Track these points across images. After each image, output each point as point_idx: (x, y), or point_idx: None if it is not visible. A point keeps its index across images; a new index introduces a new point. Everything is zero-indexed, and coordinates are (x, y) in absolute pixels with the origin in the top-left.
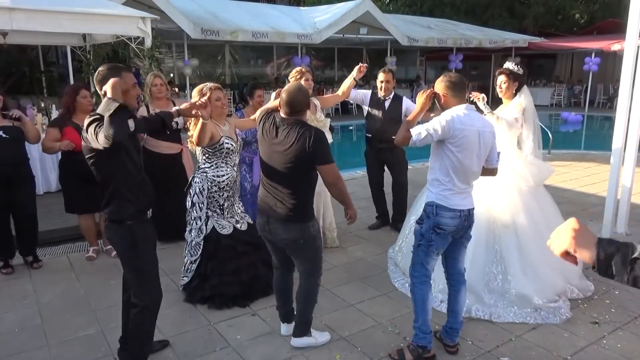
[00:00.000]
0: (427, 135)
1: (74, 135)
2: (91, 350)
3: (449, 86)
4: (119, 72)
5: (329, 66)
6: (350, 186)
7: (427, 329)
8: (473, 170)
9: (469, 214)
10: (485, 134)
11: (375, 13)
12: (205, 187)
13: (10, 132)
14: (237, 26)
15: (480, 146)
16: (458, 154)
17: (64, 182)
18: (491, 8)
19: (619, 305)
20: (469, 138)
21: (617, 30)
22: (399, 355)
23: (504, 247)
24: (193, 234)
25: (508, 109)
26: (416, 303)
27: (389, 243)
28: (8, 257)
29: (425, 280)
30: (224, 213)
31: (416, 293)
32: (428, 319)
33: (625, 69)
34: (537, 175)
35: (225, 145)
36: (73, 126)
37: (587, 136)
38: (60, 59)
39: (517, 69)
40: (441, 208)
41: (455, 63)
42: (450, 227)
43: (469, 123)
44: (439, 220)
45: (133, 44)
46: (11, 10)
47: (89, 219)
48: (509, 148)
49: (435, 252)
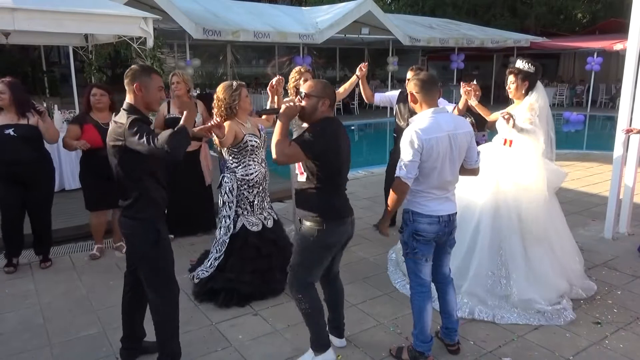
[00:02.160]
0: (409, 166)
1: (92, 132)
2: (93, 350)
3: (419, 85)
4: (149, 74)
5: (330, 66)
6: (352, 186)
7: (426, 338)
8: (447, 175)
9: (449, 220)
10: (458, 137)
11: (377, 13)
12: (234, 186)
13: (20, 130)
14: (239, 26)
15: (453, 150)
16: (427, 163)
17: (84, 180)
18: (493, 8)
19: (621, 305)
20: (438, 146)
21: (619, 30)
22: (397, 352)
23: (509, 251)
24: (222, 231)
25: (518, 110)
26: (413, 312)
27: (391, 243)
28: (13, 255)
29: (422, 291)
30: (254, 210)
31: (414, 303)
32: (426, 328)
33: (627, 68)
34: (553, 179)
35: (249, 143)
36: (92, 123)
37: (589, 136)
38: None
39: (528, 67)
40: (417, 215)
41: (457, 63)
42: (429, 233)
43: (435, 130)
44: (416, 226)
45: (135, 44)
46: (13, 11)
47: (102, 217)
48: (532, 154)
49: (422, 258)
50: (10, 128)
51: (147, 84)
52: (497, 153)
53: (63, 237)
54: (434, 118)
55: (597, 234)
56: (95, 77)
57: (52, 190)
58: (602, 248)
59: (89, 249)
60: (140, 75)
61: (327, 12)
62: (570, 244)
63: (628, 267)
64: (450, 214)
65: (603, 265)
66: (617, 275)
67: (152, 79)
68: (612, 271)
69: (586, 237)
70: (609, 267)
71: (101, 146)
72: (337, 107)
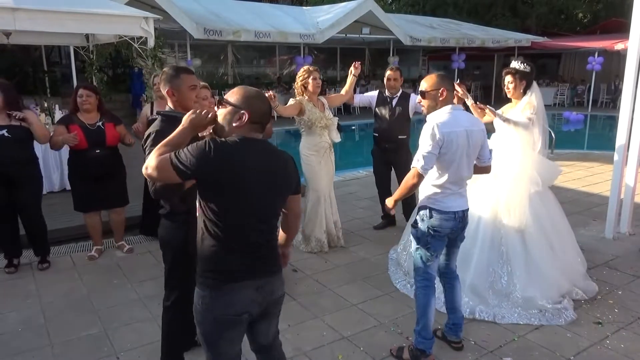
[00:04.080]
0: (427, 157)
1: (78, 133)
2: (94, 350)
3: (445, 81)
4: (178, 75)
5: (331, 66)
6: (353, 186)
7: (428, 335)
8: (463, 171)
9: (463, 215)
10: (474, 133)
11: (378, 13)
12: None
13: (14, 131)
14: (240, 26)
15: (470, 145)
16: (446, 155)
17: (72, 180)
18: (494, 7)
19: (622, 305)
20: (457, 140)
21: (620, 30)
22: (398, 352)
23: (510, 248)
24: None
25: (517, 109)
26: (418, 308)
27: (391, 243)
28: (13, 256)
29: (428, 285)
30: None
31: (418, 298)
32: (429, 324)
33: (628, 68)
34: (546, 175)
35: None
36: (79, 124)
37: (590, 136)
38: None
39: (524, 67)
40: (435, 211)
41: (457, 63)
42: (445, 229)
43: (454, 125)
44: (433, 223)
45: (136, 44)
46: (14, 11)
47: (95, 217)
48: (521, 149)
49: (434, 254)
50: (4, 129)
51: (177, 86)
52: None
53: (64, 237)
54: (452, 114)
55: (598, 233)
56: (96, 77)
57: (41, 190)
58: (603, 248)
59: (90, 249)
60: (170, 79)
61: (328, 11)
62: (572, 246)
63: (629, 267)
64: (464, 209)
65: (604, 265)
66: (618, 275)
67: (182, 79)
68: (613, 271)
69: (587, 237)
70: (610, 267)
71: (86, 147)
72: (337, 107)
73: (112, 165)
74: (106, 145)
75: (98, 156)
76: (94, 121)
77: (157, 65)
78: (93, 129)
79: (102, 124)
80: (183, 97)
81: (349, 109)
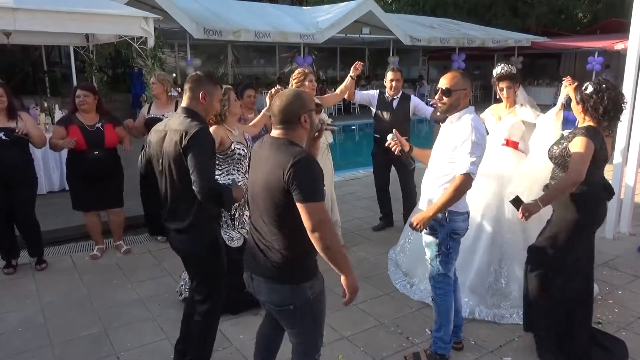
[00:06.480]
0: (478, 162)
1: (77, 134)
2: (94, 350)
3: (468, 80)
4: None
5: (331, 66)
6: (353, 186)
7: (448, 339)
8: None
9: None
10: None
11: (378, 12)
12: None
13: (11, 134)
14: (240, 26)
15: None
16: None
17: (70, 180)
18: (494, 7)
19: (622, 305)
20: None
21: (620, 30)
22: (414, 358)
23: (510, 248)
24: None
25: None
26: (440, 315)
27: (391, 243)
28: (11, 257)
29: (450, 290)
30: (234, 223)
31: (441, 305)
32: (451, 328)
33: (628, 68)
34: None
35: (236, 151)
36: (77, 124)
37: None
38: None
39: (512, 69)
40: (454, 213)
41: (457, 63)
42: (463, 230)
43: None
44: (453, 225)
45: (136, 44)
46: (14, 11)
47: (95, 217)
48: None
49: (454, 258)
50: (1, 132)
51: (212, 93)
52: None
53: (64, 237)
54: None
55: (598, 233)
56: (96, 77)
57: (35, 192)
58: (603, 248)
59: (90, 248)
60: (207, 83)
61: (328, 11)
62: None
63: (629, 267)
64: None
65: (604, 265)
66: (618, 275)
67: (217, 89)
68: (613, 271)
69: None
70: (610, 267)
71: (85, 148)
72: (338, 107)
73: (109, 167)
74: (105, 146)
75: (96, 158)
76: (94, 122)
77: (157, 66)
78: (92, 130)
79: (101, 125)
80: (211, 105)
81: (349, 109)
